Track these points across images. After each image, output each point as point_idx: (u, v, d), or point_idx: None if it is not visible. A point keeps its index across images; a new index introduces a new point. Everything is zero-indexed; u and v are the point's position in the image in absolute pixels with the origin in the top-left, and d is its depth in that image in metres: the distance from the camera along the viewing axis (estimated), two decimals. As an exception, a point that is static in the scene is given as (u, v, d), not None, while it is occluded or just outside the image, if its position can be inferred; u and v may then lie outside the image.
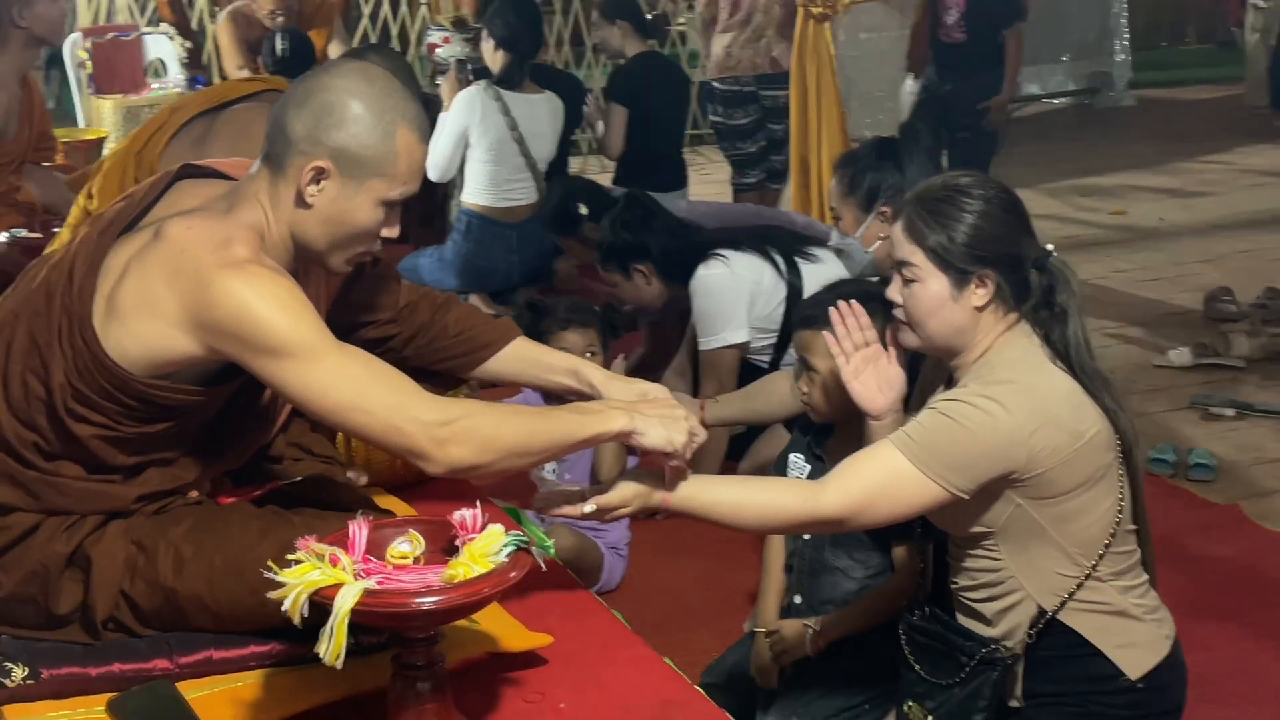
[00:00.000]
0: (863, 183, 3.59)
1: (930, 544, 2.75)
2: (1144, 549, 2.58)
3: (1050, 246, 2.59)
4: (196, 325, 2.17)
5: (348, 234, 2.29)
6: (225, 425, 2.41)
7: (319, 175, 2.23)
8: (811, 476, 3.02)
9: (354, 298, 2.61)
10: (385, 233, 2.32)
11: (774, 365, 4.42)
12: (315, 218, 2.26)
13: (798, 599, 3.11)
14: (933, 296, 2.50)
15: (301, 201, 2.25)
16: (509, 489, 3.68)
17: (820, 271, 4.33)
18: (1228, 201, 8.78)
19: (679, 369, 4.70)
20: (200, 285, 2.16)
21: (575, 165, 8.28)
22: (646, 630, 3.20)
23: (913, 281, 2.52)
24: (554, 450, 2.33)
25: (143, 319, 2.19)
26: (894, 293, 2.57)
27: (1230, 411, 5.24)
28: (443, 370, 2.81)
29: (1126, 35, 12.19)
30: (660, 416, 2.34)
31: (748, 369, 4.43)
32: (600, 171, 7.86)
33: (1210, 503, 4.49)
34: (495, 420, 2.24)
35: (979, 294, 2.49)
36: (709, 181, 9.51)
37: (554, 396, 3.09)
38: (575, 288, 6.04)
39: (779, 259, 4.38)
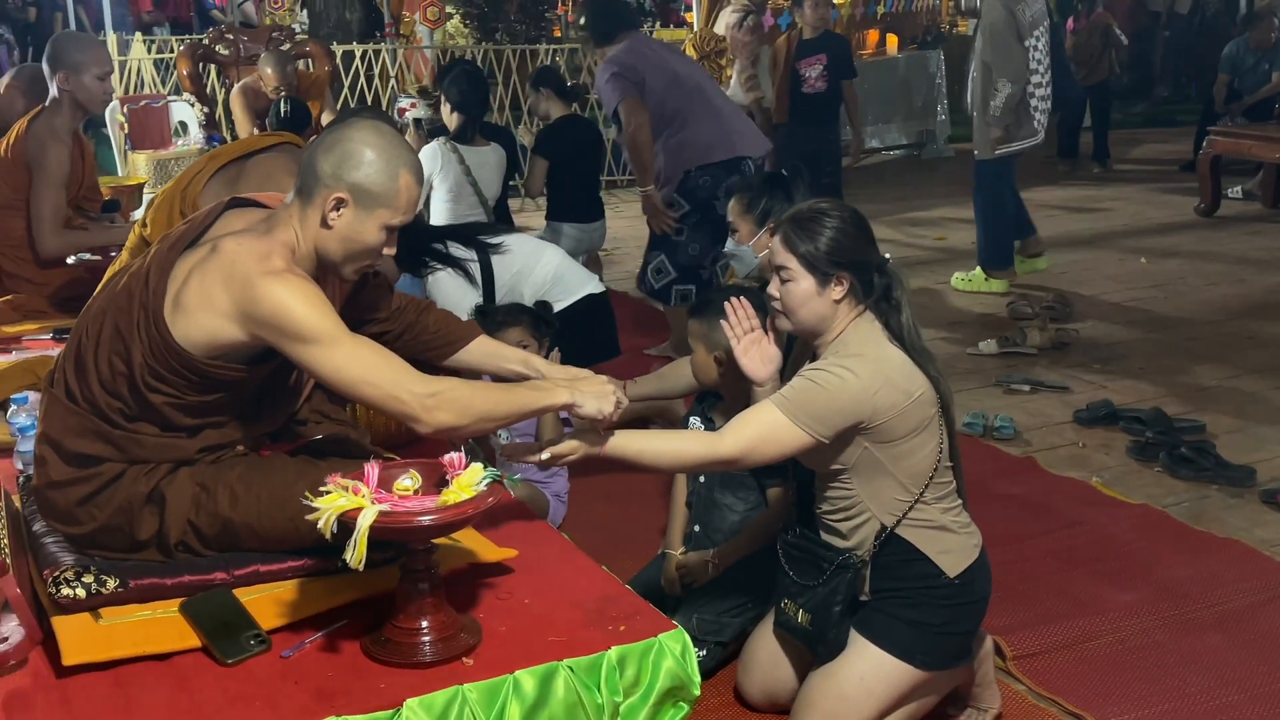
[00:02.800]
0: (758, 205, 3.63)
1: (796, 483, 2.88)
2: (958, 480, 2.68)
3: (888, 255, 2.74)
4: (244, 318, 2.23)
5: (358, 250, 2.35)
6: (263, 396, 2.46)
7: (339, 204, 2.29)
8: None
9: (359, 301, 2.67)
10: (386, 251, 2.39)
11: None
12: (335, 237, 2.32)
13: (696, 528, 3.20)
14: (802, 292, 2.60)
15: (325, 224, 2.31)
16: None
17: (504, 261, 4.49)
18: (1024, 229, 8.93)
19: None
20: (247, 287, 2.22)
21: (514, 204, 8.32)
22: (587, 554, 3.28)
23: (788, 281, 2.61)
24: (515, 416, 2.40)
25: (203, 313, 2.25)
26: (774, 289, 2.65)
27: (1026, 387, 5.31)
28: (423, 360, 2.79)
29: (945, 101, 12.39)
30: (593, 392, 2.44)
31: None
32: (536, 210, 7.90)
33: (1010, 455, 4.57)
34: (470, 392, 2.31)
35: (837, 290, 2.58)
36: (621, 216, 9.54)
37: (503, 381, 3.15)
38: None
39: (470, 254, 4.44)
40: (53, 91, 4.35)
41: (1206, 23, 13.45)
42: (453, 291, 4.43)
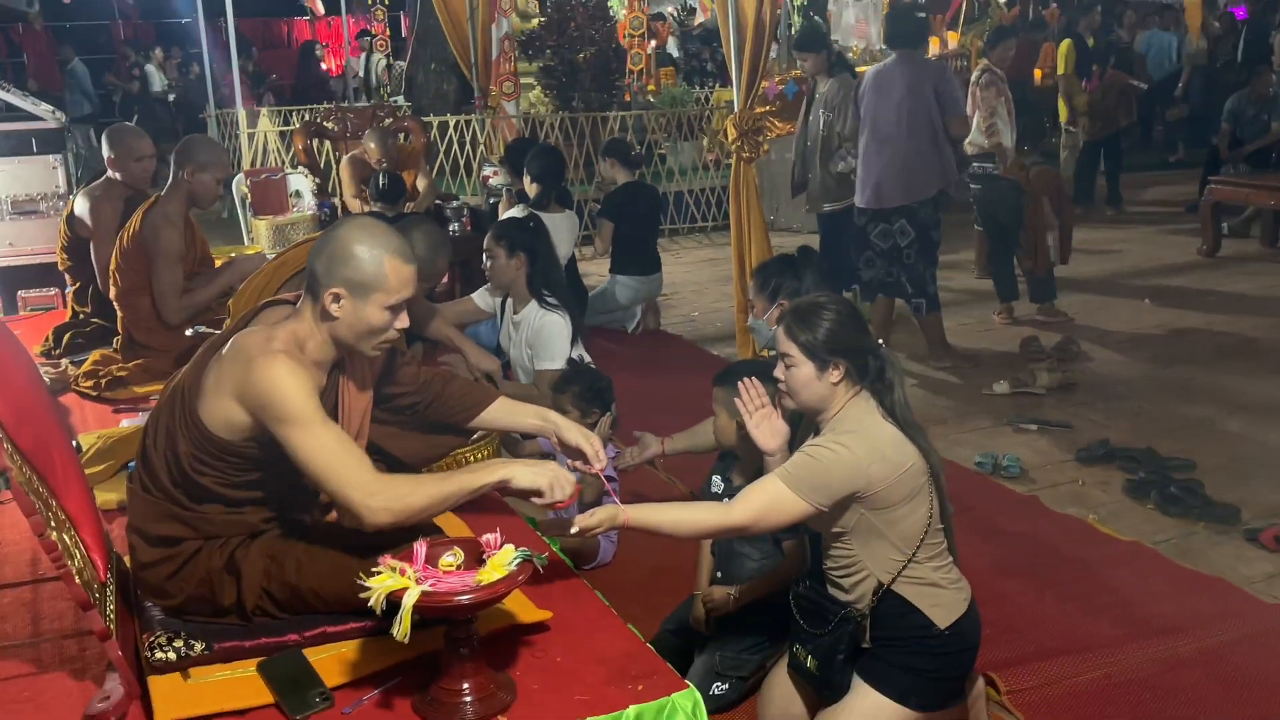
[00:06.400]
0: (770, 284, 3.64)
1: (808, 538, 2.86)
2: (949, 539, 2.63)
3: (881, 340, 2.71)
4: (243, 396, 2.24)
5: (367, 331, 2.35)
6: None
7: (337, 298, 2.31)
8: (725, 492, 3.12)
9: (390, 377, 2.70)
10: (397, 324, 2.37)
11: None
12: (342, 325, 2.33)
13: (719, 574, 3.17)
14: (804, 376, 2.58)
15: (329, 316, 2.33)
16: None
17: None
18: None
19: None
20: (246, 367, 2.24)
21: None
22: (630, 590, 3.20)
23: (791, 366, 2.60)
24: (456, 500, 2.33)
25: (217, 398, 2.28)
26: (779, 373, 2.64)
27: (1034, 427, 5.18)
28: (452, 422, 2.84)
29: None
30: (530, 468, 2.39)
31: None
32: (600, 261, 7.88)
33: (1015, 493, 4.45)
34: (410, 489, 2.26)
35: (834, 374, 2.56)
36: (679, 262, 9.53)
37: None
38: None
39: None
40: (172, 181, 4.44)
41: (1215, 74, 13.15)
42: (559, 340, 4.42)
